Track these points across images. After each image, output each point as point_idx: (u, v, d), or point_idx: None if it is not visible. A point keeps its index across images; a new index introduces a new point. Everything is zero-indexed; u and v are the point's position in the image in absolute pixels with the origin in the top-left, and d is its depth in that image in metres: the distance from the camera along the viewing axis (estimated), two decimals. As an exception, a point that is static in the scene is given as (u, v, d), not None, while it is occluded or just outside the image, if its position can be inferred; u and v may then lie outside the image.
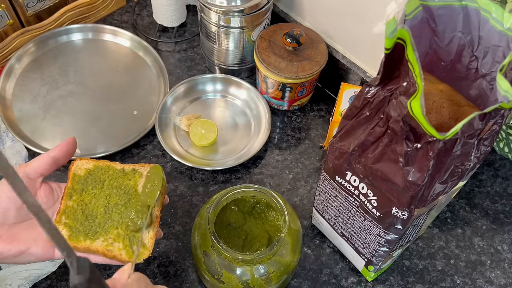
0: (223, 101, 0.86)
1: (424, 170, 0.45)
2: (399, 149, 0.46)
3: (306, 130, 0.83)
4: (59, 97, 0.84)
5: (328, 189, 0.61)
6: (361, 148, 0.51)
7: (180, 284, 0.67)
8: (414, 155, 0.46)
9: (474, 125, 0.42)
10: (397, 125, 0.45)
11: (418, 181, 0.46)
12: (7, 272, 0.63)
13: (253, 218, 0.62)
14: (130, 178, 0.57)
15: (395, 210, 0.51)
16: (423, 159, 0.45)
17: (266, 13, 0.81)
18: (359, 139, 0.50)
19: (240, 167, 0.78)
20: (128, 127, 0.81)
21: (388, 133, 0.47)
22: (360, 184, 0.54)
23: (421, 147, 0.45)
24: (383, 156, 0.48)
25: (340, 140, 0.53)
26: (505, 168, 0.80)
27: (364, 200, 0.55)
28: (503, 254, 0.72)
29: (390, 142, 0.47)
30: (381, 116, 0.48)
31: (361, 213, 0.57)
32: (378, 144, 0.49)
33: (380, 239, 0.57)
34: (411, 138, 0.45)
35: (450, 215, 0.75)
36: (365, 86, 0.49)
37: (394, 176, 0.48)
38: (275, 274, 0.57)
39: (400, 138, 0.46)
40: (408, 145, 0.45)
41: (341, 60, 0.81)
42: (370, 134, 0.49)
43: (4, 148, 0.76)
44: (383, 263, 0.63)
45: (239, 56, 0.85)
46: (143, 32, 0.94)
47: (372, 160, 0.50)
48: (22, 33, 0.86)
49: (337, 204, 0.61)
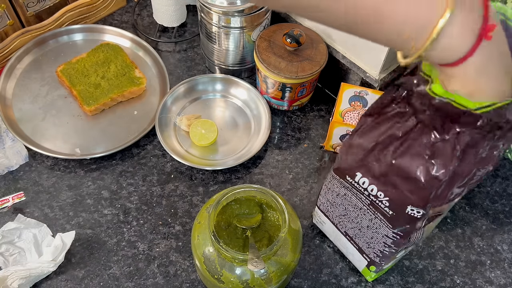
0: (223, 101, 0.86)
1: (449, 165, 0.45)
2: (426, 141, 0.46)
3: (306, 130, 0.83)
4: (59, 97, 0.84)
5: (336, 187, 0.61)
6: (384, 143, 0.50)
7: (180, 284, 0.67)
8: (441, 147, 0.45)
9: (503, 113, 0.42)
10: (424, 115, 0.45)
11: (440, 176, 0.46)
12: (7, 272, 0.63)
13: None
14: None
15: (410, 208, 0.51)
16: (449, 153, 0.45)
17: (266, 13, 0.81)
18: (384, 134, 0.50)
19: (240, 167, 0.78)
20: (128, 127, 0.81)
21: (419, 126, 0.47)
22: (370, 186, 0.54)
23: (448, 139, 0.44)
24: (408, 150, 0.48)
25: (360, 137, 0.53)
26: (505, 168, 0.80)
27: (375, 200, 0.55)
28: (503, 254, 0.72)
29: (418, 136, 0.47)
30: (407, 109, 0.48)
31: (372, 211, 0.57)
32: (405, 138, 0.48)
33: (387, 239, 0.57)
34: (439, 129, 0.45)
35: (450, 215, 0.75)
36: (392, 86, 0.49)
37: (416, 170, 0.47)
38: (275, 274, 0.57)
39: (428, 129, 0.46)
40: (436, 136, 0.45)
41: (341, 60, 0.81)
42: (399, 128, 0.49)
43: (4, 148, 0.76)
44: (386, 264, 0.63)
45: (239, 56, 0.85)
46: (143, 32, 0.94)
47: (394, 155, 0.49)
48: (22, 33, 0.86)
49: (345, 202, 0.61)
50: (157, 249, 0.70)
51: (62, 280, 0.67)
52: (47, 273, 0.66)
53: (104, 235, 0.71)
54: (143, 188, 0.75)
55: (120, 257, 0.69)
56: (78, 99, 0.82)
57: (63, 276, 0.67)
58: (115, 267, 0.68)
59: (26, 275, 0.63)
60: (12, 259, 0.66)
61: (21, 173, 0.76)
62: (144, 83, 0.84)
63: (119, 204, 0.74)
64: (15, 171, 0.76)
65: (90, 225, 0.72)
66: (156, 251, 0.70)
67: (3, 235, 0.67)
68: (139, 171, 0.77)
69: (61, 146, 0.78)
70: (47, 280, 0.66)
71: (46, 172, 0.76)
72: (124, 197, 0.74)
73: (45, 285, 0.66)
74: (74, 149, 0.78)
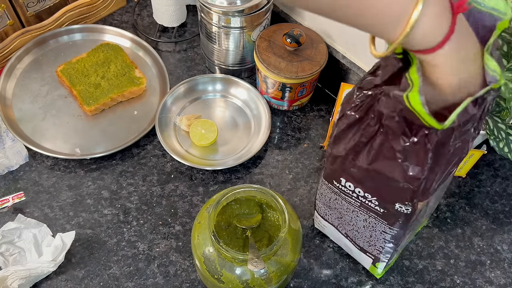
0: (223, 101, 0.86)
1: (424, 163, 0.45)
2: (396, 146, 0.46)
3: (306, 130, 0.83)
4: (59, 97, 0.84)
5: (328, 193, 0.61)
6: (354, 150, 0.51)
7: (180, 284, 0.67)
8: (411, 149, 0.46)
9: (469, 111, 0.42)
10: (392, 121, 0.45)
11: (418, 175, 0.46)
12: (7, 272, 0.63)
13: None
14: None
15: (398, 206, 0.51)
16: (421, 153, 0.45)
17: (266, 13, 0.81)
18: (351, 141, 0.50)
19: (240, 167, 0.78)
20: (128, 127, 0.81)
21: (381, 131, 0.47)
22: (356, 188, 0.54)
23: (418, 140, 0.45)
24: (379, 155, 0.48)
25: (334, 145, 0.53)
26: (504, 168, 0.80)
27: (364, 200, 0.55)
28: (503, 254, 0.72)
29: (385, 140, 0.47)
30: (371, 115, 0.48)
31: (364, 211, 0.57)
32: (372, 144, 0.49)
33: (386, 235, 0.58)
34: (407, 133, 0.45)
35: (450, 215, 0.75)
36: (359, 90, 0.49)
37: (393, 173, 0.48)
38: (275, 274, 0.57)
39: (396, 134, 0.46)
40: (405, 140, 0.45)
41: (341, 60, 0.81)
42: (362, 135, 0.49)
43: (4, 148, 0.76)
44: (390, 258, 0.63)
45: (239, 56, 0.85)
46: (143, 32, 0.94)
47: (368, 161, 0.50)
48: (22, 33, 0.86)
49: (338, 206, 0.61)
50: (157, 249, 0.70)
51: (62, 280, 0.67)
52: (47, 273, 0.66)
53: (104, 235, 0.71)
54: (143, 188, 0.75)
55: (120, 257, 0.69)
56: (78, 99, 0.82)
57: (63, 276, 0.67)
58: (115, 267, 0.68)
59: (26, 275, 0.63)
60: (12, 259, 0.66)
61: (21, 173, 0.76)
62: (144, 83, 0.84)
63: (119, 204, 0.74)
64: (15, 171, 0.76)
65: (90, 225, 0.72)
66: (156, 251, 0.70)
67: (3, 235, 0.67)
68: (139, 171, 0.77)
69: (61, 146, 0.78)
70: (47, 280, 0.66)
71: (46, 172, 0.76)
72: (124, 197, 0.74)
73: (45, 285, 0.66)
74: (74, 149, 0.78)
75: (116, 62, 0.86)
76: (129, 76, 0.84)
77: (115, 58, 0.86)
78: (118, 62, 0.86)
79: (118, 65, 0.85)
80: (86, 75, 0.84)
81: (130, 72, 0.85)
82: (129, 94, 0.83)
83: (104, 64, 0.85)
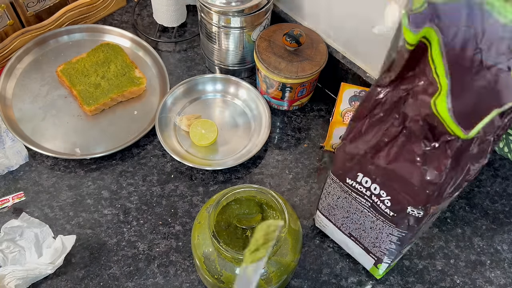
0: (223, 101, 0.86)
1: (442, 169, 0.45)
2: (416, 149, 0.46)
3: (306, 130, 0.83)
4: (59, 97, 0.84)
5: (337, 191, 0.61)
6: (374, 149, 0.50)
7: (180, 284, 0.67)
8: (432, 154, 0.45)
9: (495, 123, 0.42)
10: (416, 125, 0.45)
11: (435, 180, 0.46)
12: (5, 271, 0.63)
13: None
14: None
15: (411, 209, 0.51)
16: (441, 158, 0.45)
17: (266, 13, 0.81)
18: (372, 140, 0.50)
19: (240, 167, 0.78)
20: (128, 127, 0.81)
21: (404, 133, 0.47)
22: (373, 185, 0.54)
23: (439, 146, 0.45)
24: (399, 156, 0.48)
25: (351, 143, 0.53)
26: (504, 168, 0.80)
27: (376, 200, 0.55)
28: (503, 254, 0.72)
29: (407, 142, 0.47)
30: (396, 116, 0.47)
31: (373, 213, 0.57)
32: (393, 145, 0.48)
33: (393, 237, 0.57)
34: (429, 137, 0.45)
35: (450, 215, 0.75)
36: (375, 87, 0.48)
37: (410, 175, 0.48)
38: (275, 274, 0.57)
39: (417, 138, 0.46)
40: (426, 145, 0.45)
41: (341, 60, 0.81)
42: (385, 134, 0.49)
43: (4, 148, 0.76)
44: (393, 261, 0.63)
45: (239, 56, 0.85)
46: (143, 32, 0.94)
47: (386, 160, 0.49)
48: (22, 33, 0.86)
49: (346, 205, 0.61)
50: (157, 249, 0.70)
51: (62, 280, 0.67)
52: (45, 275, 0.65)
53: (104, 235, 0.71)
54: (143, 188, 0.75)
55: (120, 257, 0.69)
56: (78, 99, 0.82)
57: (63, 276, 0.67)
58: (115, 267, 0.68)
59: (24, 276, 0.63)
60: (11, 257, 0.66)
61: (21, 173, 0.76)
62: (144, 83, 0.84)
63: (119, 204, 0.74)
64: (15, 171, 0.76)
65: (90, 225, 0.72)
66: (156, 251, 0.70)
67: (5, 232, 0.66)
68: (139, 171, 0.77)
69: (61, 146, 0.78)
70: (46, 280, 0.66)
71: (46, 172, 0.76)
72: (124, 197, 0.74)
73: (45, 285, 0.66)
74: (74, 149, 0.78)
75: (116, 62, 0.86)
76: (129, 76, 0.84)
77: (115, 58, 0.86)
78: (118, 62, 0.86)
79: (118, 65, 0.85)
80: (86, 75, 0.84)
81: (130, 72, 0.85)
82: (129, 94, 0.83)
83: (104, 64, 0.85)
